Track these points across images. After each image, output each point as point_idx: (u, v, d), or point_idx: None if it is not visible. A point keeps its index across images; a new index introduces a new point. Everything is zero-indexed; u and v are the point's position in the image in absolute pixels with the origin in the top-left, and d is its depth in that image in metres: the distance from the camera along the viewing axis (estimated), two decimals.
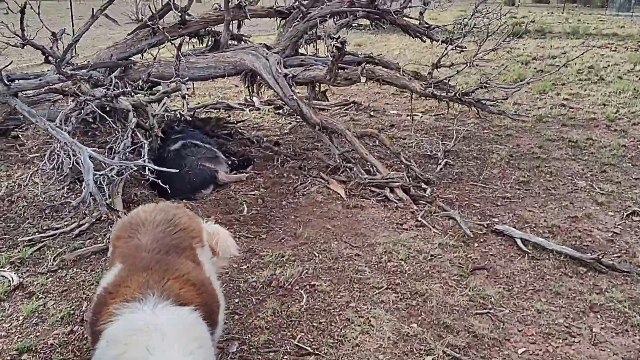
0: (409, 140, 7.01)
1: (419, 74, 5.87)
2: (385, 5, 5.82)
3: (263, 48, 6.05)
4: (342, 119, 8.03)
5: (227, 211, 4.87)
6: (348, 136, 5.42)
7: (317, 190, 5.39)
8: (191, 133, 5.97)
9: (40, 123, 4.14)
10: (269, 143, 6.63)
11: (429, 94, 5.06)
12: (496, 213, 5.02)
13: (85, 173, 3.87)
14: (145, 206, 2.59)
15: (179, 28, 6.59)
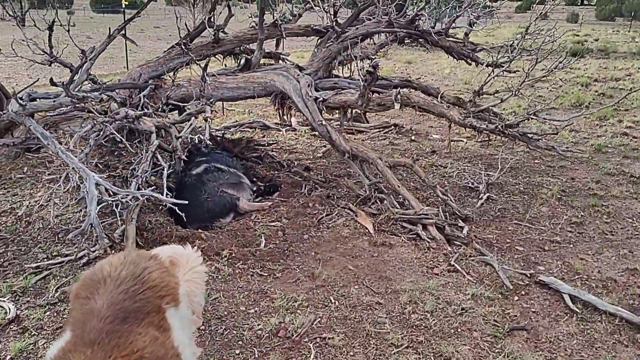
0: (450, 169, 6.50)
1: (461, 100, 5.40)
2: (426, 25, 5.39)
3: (295, 69, 5.75)
4: (380, 142, 7.63)
5: (244, 244, 4.55)
6: (379, 166, 5.01)
7: (344, 223, 4.99)
8: (216, 156, 5.72)
9: (51, 146, 3.97)
10: (299, 168, 6.30)
11: (468, 125, 4.58)
12: (542, 260, 4.47)
13: (88, 202, 3.65)
14: (114, 257, 2.27)
15: (212, 47, 6.40)
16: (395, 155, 6.93)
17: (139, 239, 4.48)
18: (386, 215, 5.04)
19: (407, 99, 4.90)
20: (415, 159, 6.65)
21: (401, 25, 5.61)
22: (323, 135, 5.27)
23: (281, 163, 6.47)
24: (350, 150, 5.13)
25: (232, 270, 4.17)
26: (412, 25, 5.57)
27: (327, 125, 5.19)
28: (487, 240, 4.75)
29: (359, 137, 7.91)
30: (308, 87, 5.37)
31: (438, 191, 5.01)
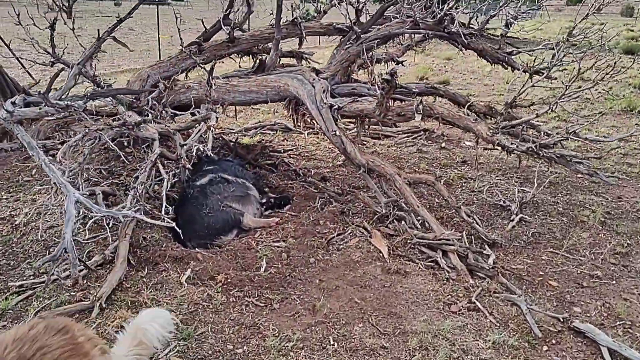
0: (480, 182, 5.93)
1: (493, 110, 4.84)
2: (460, 23, 4.81)
3: (311, 72, 5.30)
4: (407, 150, 7.10)
5: (242, 267, 4.16)
6: (397, 182, 4.53)
7: (356, 245, 4.54)
8: (225, 165, 5.35)
9: (36, 156, 3.67)
10: (315, 177, 5.87)
11: (496, 143, 4.04)
12: (579, 299, 3.90)
13: (65, 223, 3.33)
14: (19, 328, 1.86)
15: (227, 46, 6.03)
16: (422, 165, 6.41)
17: (132, 257, 4.16)
18: (404, 238, 4.55)
19: (429, 109, 4.39)
20: (438, 175, 6.12)
21: (428, 25, 5.07)
22: (337, 147, 4.81)
23: (297, 171, 6.05)
24: (366, 164, 4.66)
25: (226, 298, 3.79)
26: (440, 25, 5.03)
27: (342, 136, 4.73)
28: (517, 271, 4.20)
29: (385, 143, 7.42)
30: (323, 93, 4.92)
31: (462, 213, 4.49)
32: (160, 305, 3.65)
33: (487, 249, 4.42)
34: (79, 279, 3.80)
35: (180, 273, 4.00)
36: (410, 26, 5.02)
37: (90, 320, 3.50)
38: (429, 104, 4.41)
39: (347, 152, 4.73)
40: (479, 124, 4.20)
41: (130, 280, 3.93)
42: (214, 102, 5.64)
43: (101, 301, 3.58)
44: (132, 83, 5.80)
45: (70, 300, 3.73)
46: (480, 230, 4.51)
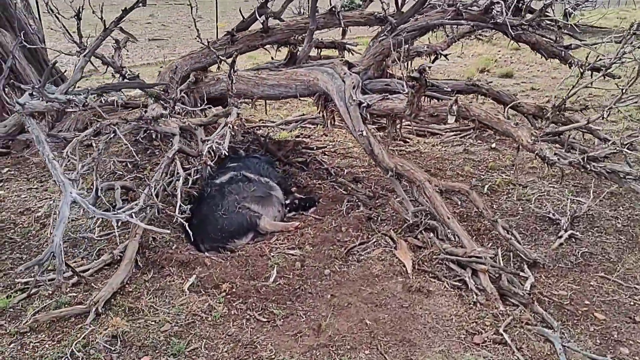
0: (530, 190, 5.34)
1: (543, 110, 4.27)
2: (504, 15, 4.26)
3: (342, 66, 4.92)
4: (452, 149, 6.57)
5: (251, 275, 3.89)
6: (427, 190, 4.10)
7: (378, 257, 4.16)
8: (250, 162, 5.11)
9: (41, 151, 3.56)
10: (346, 178, 5.51)
11: (537, 153, 3.51)
12: (628, 337, 3.35)
13: (57, 224, 3.18)
14: None
15: (261, 36, 5.75)
16: (466, 168, 5.89)
17: (140, 258, 4.01)
18: (431, 251, 4.13)
19: (465, 110, 3.91)
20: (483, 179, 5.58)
21: (472, 15, 4.55)
22: (364, 148, 4.43)
23: (329, 170, 5.72)
24: (395, 168, 4.25)
25: (227, 310, 3.54)
26: (486, 14, 4.49)
27: (370, 137, 4.34)
28: (557, 298, 3.68)
29: (430, 141, 6.93)
30: (353, 89, 4.54)
31: (499, 227, 4.00)
32: (157, 314, 3.46)
33: (525, 270, 3.92)
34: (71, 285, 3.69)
35: (184, 279, 3.80)
36: (451, 16, 4.51)
37: (84, 326, 3.35)
38: (465, 104, 3.93)
39: (374, 154, 4.35)
40: (519, 129, 3.68)
41: (134, 284, 3.77)
42: (243, 96, 5.40)
43: (97, 306, 3.43)
44: (163, 74, 5.65)
45: (71, 302, 3.61)
46: (519, 248, 4.01)
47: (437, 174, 5.71)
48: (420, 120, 4.09)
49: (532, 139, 3.56)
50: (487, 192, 5.29)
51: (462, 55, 14.16)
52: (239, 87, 5.27)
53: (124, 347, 3.19)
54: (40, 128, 3.69)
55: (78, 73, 3.74)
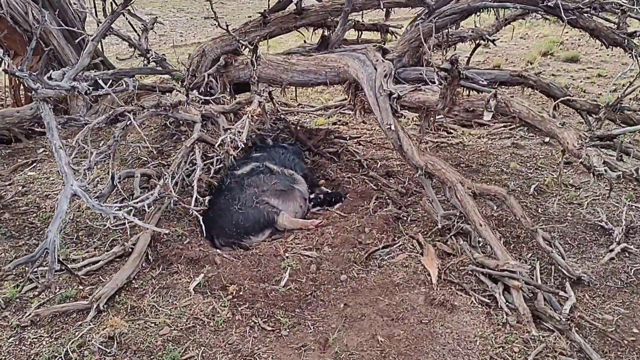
0: (583, 193, 4.80)
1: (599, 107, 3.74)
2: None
3: (375, 52, 4.54)
4: (499, 143, 6.05)
5: (261, 277, 3.66)
6: (459, 192, 3.70)
7: (402, 263, 3.83)
8: (275, 152, 4.85)
9: (50, 138, 3.44)
10: (379, 172, 5.16)
11: (582, 160, 3.02)
12: None
13: (54, 218, 3.05)
14: None
15: (295, 18, 5.44)
16: (512, 164, 5.39)
17: (151, 252, 3.86)
18: (461, 260, 3.75)
19: (505, 105, 3.46)
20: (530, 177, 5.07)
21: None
22: (392, 143, 4.07)
23: (361, 162, 5.37)
24: (425, 167, 3.87)
25: (232, 315, 3.33)
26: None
27: (399, 130, 3.98)
28: (601, 324, 3.23)
29: (476, 132, 6.42)
30: (384, 78, 4.17)
31: (539, 238, 3.56)
32: (158, 315, 3.29)
33: (567, 288, 3.48)
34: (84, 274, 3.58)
35: (191, 278, 3.61)
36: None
37: (84, 323, 3.24)
38: (505, 98, 3.47)
39: (403, 150, 3.98)
40: (566, 130, 3.20)
41: (140, 280, 3.63)
42: (271, 82, 5.14)
43: (99, 303, 3.31)
44: (193, 57, 5.46)
45: (77, 296, 3.52)
46: (561, 263, 3.56)
47: (478, 170, 5.27)
48: (455, 116, 3.68)
49: (578, 143, 3.09)
50: (533, 194, 4.81)
51: (525, 36, 13.26)
52: (268, 72, 5.00)
53: (120, 350, 3.05)
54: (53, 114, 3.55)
55: (86, 58, 3.58)
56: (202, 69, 5.28)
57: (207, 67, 5.28)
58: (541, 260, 3.79)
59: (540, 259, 3.81)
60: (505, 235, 4.10)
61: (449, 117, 3.76)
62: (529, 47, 11.92)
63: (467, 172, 5.21)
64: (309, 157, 5.43)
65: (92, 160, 3.86)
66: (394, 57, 4.49)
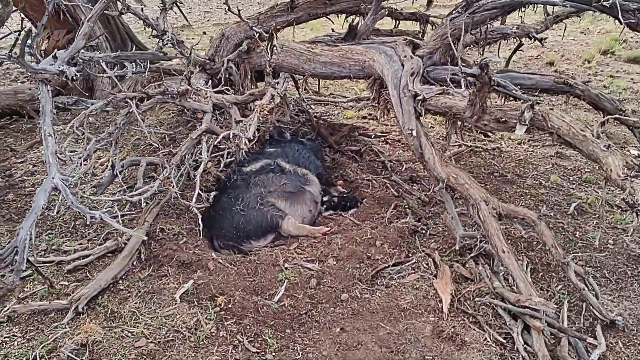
0: (629, 217, 4.26)
1: None
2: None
3: (405, 47, 4.10)
4: (540, 151, 5.51)
5: (254, 289, 3.36)
6: (482, 212, 3.28)
7: (413, 284, 3.46)
8: (289, 148, 4.52)
9: (42, 123, 3.23)
10: (402, 176, 4.75)
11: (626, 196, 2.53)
12: None
13: (28, 214, 2.83)
14: None
15: (324, 4, 5.05)
16: (552, 177, 4.87)
17: (144, 250, 3.63)
18: (478, 288, 3.35)
19: (542, 119, 2.99)
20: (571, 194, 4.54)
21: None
22: (413, 150, 3.66)
23: (385, 164, 4.98)
24: (446, 179, 3.46)
25: (216, 330, 3.05)
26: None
27: (422, 137, 3.57)
28: None
29: (516, 138, 5.88)
30: (411, 77, 3.75)
31: (571, 273, 3.11)
32: (138, 324, 3.05)
33: (597, 333, 3.02)
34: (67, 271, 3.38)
35: (180, 283, 3.36)
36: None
37: (60, 325, 3.04)
38: (544, 111, 3.00)
39: (424, 158, 3.57)
40: (610, 155, 2.71)
41: (127, 280, 3.41)
42: (293, 71, 4.80)
43: (78, 304, 3.11)
44: (214, 40, 5.17)
45: (60, 293, 3.33)
46: (593, 303, 3.10)
47: (514, 182, 4.78)
48: (485, 126, 3.24)
49: (624, 173, 2.61)
50: (572, 213, 4.31)
51: (586, 31, 12.34)
52: (290, 61, 4.65)
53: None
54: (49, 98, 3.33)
55: (82, 40, 3.32)
56: (222, 53, 4.98)
57: (229, 52, 4.97)
58: (572, 295, 3.34)
59: (571, 293, 3.36)
60: (534, 262, 3.65)
61: (478, 127, 3.31)
62: (589, 44, 11.05)
63: (500, 183, 4.75)
64: (329, 154, 5.08)
65: (90, 148, 3.64)
66: (424, 54, 4.04)
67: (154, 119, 5.61)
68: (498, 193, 4.58)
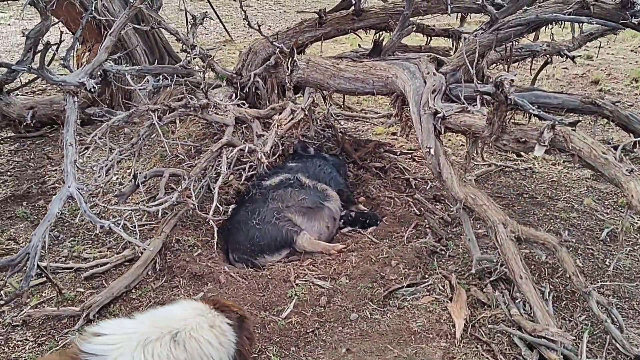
0: None
1: None
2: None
3: (429, 63, 4.03)
4: (577, 172, 5.27)
5: (263, 304, 3.33)
6: (499, 235, 3.16)
7: (426, 307, 3.35)
8: (311, 163, 4.50)
9: (65, 133, 3.34)
10: (426, 195, 4.65)
11: None
12: None
13: (42, 221, 2.92)
14: None
15: (352, 20, 5.05)
16: (586, 201, 4.65)
17: (160, 258, 3.67)
18: (494, 314, 3.21)
19: (563, 140, 2.85)
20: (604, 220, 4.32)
21: (604, 10, 3.33)
22: (431, 168, 3.57)
23: (409, 181, 4.89)
24: (464, 200, 3.35)
25: None
26: (623, 11, 3.27)
27: (440, 156, 3.48)
28: None
29: (549, 158, 5.66)
30: (432, 94, 3.67)
31: (593, 304, 2.94)
32: None
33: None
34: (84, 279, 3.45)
35: (190, 295, 3.37)
36: (573, 10, 3.35)
37: (70, 332, 3.10)
38: (565, 132, 2.86)
39: (442, 178, 3.48)
40: (633, 180, 2.55)
41: (140, 290, 3.45)
42: (318, 87, 4.79)
43: (90, 312, 3.16)
44: (242, 55, 5.24)
45: (74, 299, 3.40)
46: (616, 336, 2.92)
47: (543, 204, 4.60)
48: (504, 145, 3.12)
49: None
50: (604, 239, 4.09)
51: (636, 49, 11.86)
52: (315, 76, 4.66)
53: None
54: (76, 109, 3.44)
55: (103, 53, 3.42)
56: (250, 67, 5.03)
57: (257, 67, 5.02)
58: (595, 326, 3.15)
59: (594, 324, 3.17)
60: (557, 289, 3.48)
61: (497, 147, 3.20)
62: (638, 62, 10.60)
63: (529, 205, 4.57)
64: (352, 170, 5.03)
65: (112, 158, 3.74)
66: (448, 71, 3.96)
67: (184, 131, 5.71)
68: (526, 215, 4.41)
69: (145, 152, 5.05)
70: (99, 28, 6.21)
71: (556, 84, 8.61)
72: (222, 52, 10.38)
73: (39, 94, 7.50)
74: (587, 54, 9.52)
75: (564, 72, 9.13)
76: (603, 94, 7.88)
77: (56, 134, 6.11)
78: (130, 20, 3.75)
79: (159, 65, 4.58)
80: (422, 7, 4.72)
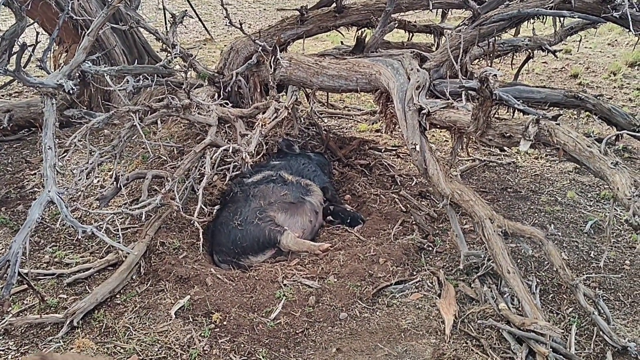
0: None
1: None
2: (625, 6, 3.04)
3: (412, 59, 4.02)
4: (561, 166, 5.31)
5: (251, 306, 3.28)
6: (487, 230, 3.16)
7: (415, 304, 3.35)
8: (294, 160, 4.47)
9: (43, 137, 3.25)
10: (412, 191, 4.64)
11: (628, 218, 2.39)
12: None
13: (22, 227, 2.84)
14: None
15: (334, 17, 5.02)
16: (569, 194, 4.69)
17: (144, 262, 3.61)
18: (483, 309, 3.22)
19: (548, 134, 2.87)
20: (586, 215, 4.36)
21: (585, 4, 3.35)
22: (416, 165, 3.57)
23: (394, 178, 4.88)
24: (450, 195, 3.35)
25: (209, 348, 2.99)
26: (604, 5, 3.29)
27: (426, 152, 3.47)
28: None
29: (534, 152, 5.70)
30: (416, 90, 3.66)
31: (581, 296, 2.96)
32: (131, 339, 3.02)
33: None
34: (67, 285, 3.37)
35: (176, 299, 3.31)
36: (555, 3, 3.36)
37: (54, 339, 3.03)
38: (550, 126, 2.87)
39: (428, 174, 3.47)
40: (618, 173, 2.57)
41: (125, 295, 3.38)
42: (301, 85, 4.76)
43: (74, 318, 3.09)
44: (224, 54, 5.18)
45: (57, 306, 3.32)
46: (604, 328, 2.94)
47: (527, 198, 4.63)
48: (489, 141, 3.13)
49: (630, 192, 2.47)
50: (588, 232, 4.13)
51: (614, 43, 12.02)
52: (298, 74, 4.62)
53: None
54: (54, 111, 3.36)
55: (81, 54, 3.34)
56: (232, 66, 4.97)
57: (239, 65, 4.96)
58: (582, 318, 3.17)
59: (581, 317, 3.19)
60: (544, 282, 3.50)
61: (483, 142, 3.20)
62: (616, 56, 10.75)
63: (513, 199, 4.60)
64: (337, 168, 5.00)
65: (93, 161, 3.66)
66: (431, 67, 3.95)
67: (166, 132, 5.62)
68: (510, 210, 4.44)
69: (126, 154, 4.96)
70: (76, 28, 6.09)
71: (536, 78, 8.69)
72: (202, 51, 10.27)
73: (16, 96, 7.34)
74: (566, 48, 9.64)
75: (544, 66, 9.22)
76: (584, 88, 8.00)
77: (34, 137, 5.98)
78: (108, 19, 3.65)
79: (139, 65, 4.49)
80: (404, 3, 4.72)
